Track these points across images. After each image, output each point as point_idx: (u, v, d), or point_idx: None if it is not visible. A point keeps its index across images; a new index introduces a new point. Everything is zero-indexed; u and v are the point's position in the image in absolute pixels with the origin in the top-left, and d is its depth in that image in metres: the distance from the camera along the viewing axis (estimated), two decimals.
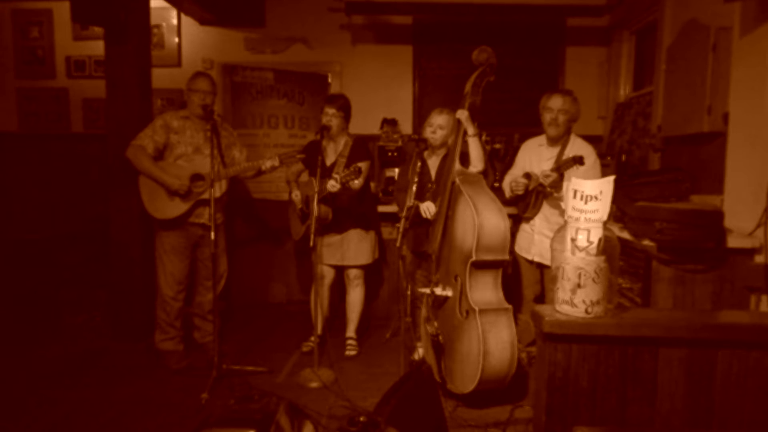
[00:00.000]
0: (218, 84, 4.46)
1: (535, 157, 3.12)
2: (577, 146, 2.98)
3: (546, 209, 3.03)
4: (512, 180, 3.13)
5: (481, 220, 2.62)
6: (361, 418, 1.46)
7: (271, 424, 1.69)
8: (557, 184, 2.87)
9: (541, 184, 2.91)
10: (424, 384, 1.93)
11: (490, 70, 2.89)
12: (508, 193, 3.19)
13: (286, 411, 1.81)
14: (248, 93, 4.63)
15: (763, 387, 1.66)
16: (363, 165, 3.28)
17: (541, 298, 3.21)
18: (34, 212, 4.78)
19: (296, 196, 3.43)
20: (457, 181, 2.79)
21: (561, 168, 2.80)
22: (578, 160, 2.72)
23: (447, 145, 3.16)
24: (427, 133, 3.16)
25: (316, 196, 3.07)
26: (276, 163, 3.21)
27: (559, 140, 3.04)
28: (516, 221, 3.34)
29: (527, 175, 3.04)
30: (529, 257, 3.12)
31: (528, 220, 3.15)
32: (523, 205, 3.11)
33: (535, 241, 3.07)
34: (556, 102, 3.00)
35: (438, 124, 3.15)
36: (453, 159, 2.86)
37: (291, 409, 1.86)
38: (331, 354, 3.32)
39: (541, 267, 3.14)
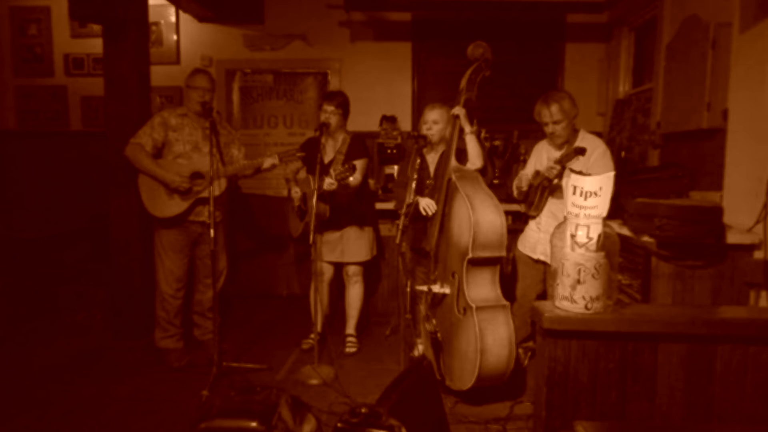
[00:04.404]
0: (224, 88, 4.58)
1: (545, 156, 3.08)
2: (586, 142, 2.94)
3: (554, 207, 3.01)
4: (517, 181, 3.13)
5: (477, 216, 2.62)
6: (363, 410, 1.46)
7: (273, 415, 1.70)
8: (562, 177, 2.86)
9: (546, 178, 2.90)
10: (424, 379, 1.93)
11: (486, 66, 2.88)
12: (515, 192, 3.18)
13: (288, 403, 1.82)
14: (249, 96, 4.82)
15: (763, 381, 1.67)
16: (359, 162, 3.28)
17: (543, 296, 3.20)
18: (34, 210, 4.78)
19: (296, 193, 3.42)
20: (453, 177, 2.79)
21: (563, 160, 2.78)
22: (580, 152, 2.69)
23: (445, 140, 3.16)
24: (423, 130, 3.15)
25: (314, 193, 3.07)
26: (276, 161, 3.20)
27: (566, 142, 3.01)
28: (522, 220, 3.33)
29: (536, 174, 3.03)
30: (535, 256, 3.10)
31: (534, 218, 3.13)
32: (529, 202, 3.10)
33: (541, 239, 3.05)
34: (545, 116, 2.89)
35: (432, 120, 3.14)
36: (449, 156, 2.86)
37: (293, 401, 1.86)
38: (331, 351, 3.32)
39: (546, 266, 3.13)
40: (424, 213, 2.96)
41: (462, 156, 3.01)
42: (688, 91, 3.02)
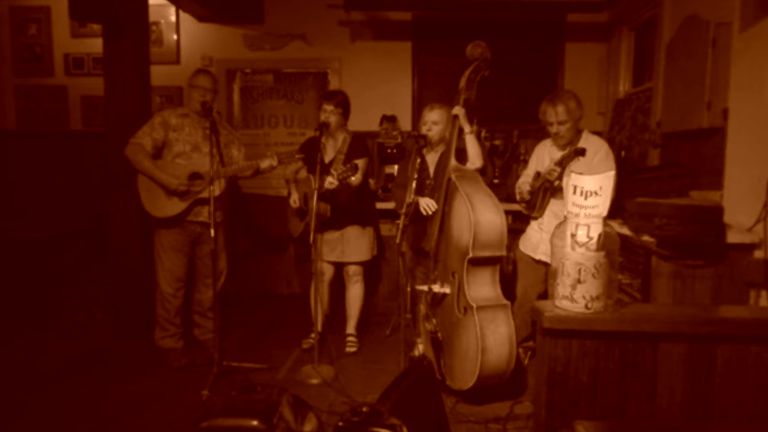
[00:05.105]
0: (223, 88, 4.59)
1: (547, 157, 3.07)
2: (589, 143, 2.93)
3: (556, 207, 3.01)
4: (519, 185, 3.13)
5: (477, 216, 2.62)
6: (364, 409, 1.46)
7: (274, 414, 1.70)
8: (562, 179, 2.86)
9: (547, 180, 2.90)
10: (425, 379, 1.93)
11: (485, 65, 2.87)
12: (517, 196, 3.17)
13: (290, 402, 1.82)
14: (250, 96, 4.83)
15: (763, 381, 1.67)
16: (360, 162, 3.28)
17: (544, 296, 3.19)
18: (34, 210, 4.78)
19: (294, 202, 3.44)
20: (453, 177, 2.79)
21: (564, 161, 2.78)
22: (580, 152, 2.69)
23: (445, 140, 3.15)
24: (423, 130, 3.15)
25: (315, 192, 3.06)
26: (274, 162, 3.20)
27: (569, 143, 3.00)
28: (522, 220, 3.32)
29: (537, 175, 3.03)
30: (536, 257, 3.10)
31: (536, 219, 3.13)
32: (531, 204, 3.10)
33: (543, 239, 3.04)
34: (551, 115, 2.90)
35: (432, 121, 3.14)
36: (449, 155, 2.86)
37: (294, 400, 1.86)
38: (332, 351, 3.32)
39: (547, 266, 3.12)
40: (424, 212, 2.96)
41: (462, 156, 3.01)
42: (688, 91, 3.02)
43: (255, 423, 1.65)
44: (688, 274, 2.47)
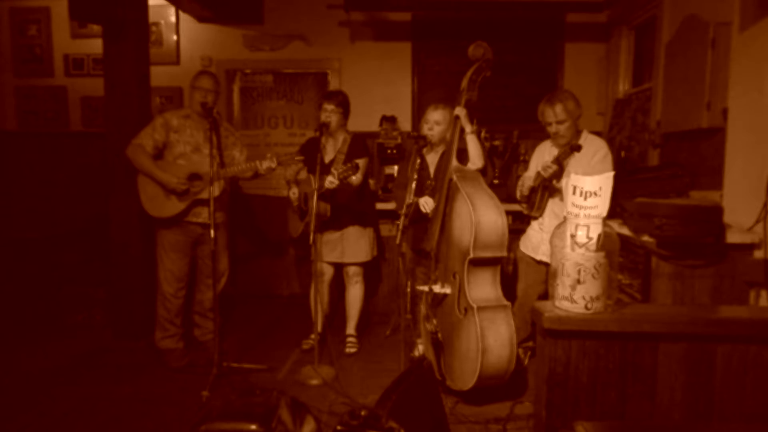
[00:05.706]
0: (223, 89, 4.60)
1: (548, 157, 3.07)
2: (588, 142, 2.93)
3: (556, 207, 3.01)
4: (520, 182, 3.13)
5: (478, 216, 2.62)
6: (362, 412, 1.46)
7: (273, 418, 1.69)
8: (559, 176, 2.86)
9: (545, 179, 2.90)
10: (425, 380, 1.93)
11: (487, 66, 2.87)
12: (518, 195, 3.17)
13: (288, 405, 1.81)
14: (250, 96, 4.85)
15: (763, 381, 1.67)
16: (360, 161, 3.28)
17: (545, 297, 3.19)
18: (34, 211, 4.78)
19: (293, 194, 3.43)
20: (455, 178, 2.79)
21: (560, 158, 2.78)
22: (575, 148, 2.69)
23: (446, 141, 3.15)
24: (425, 130, 3.15)
25: (315, 192, 3.06)
26: (273, 164, 3.19)
27: (569, 142, 2.99)
28: (523, 220, 3.32)
29: (537, 175, 3.03)
30: (537, 257, 3.09)
31: (536, 218, 3.13)
32: (530, 203, 3.09)
33: (544, 240, 3.02)
34: (549, 116, 2.90)
35: (434, 120, 3.14)
36: (450, 156, 2.86)
37: (293, 403, 1.86)
38: (332, 351, 3.32)
39: (548, 266, 3.11)
40: (423, 210, 2.96)
41: (463, 156, 3.01)
42: (687, 91, 3.02)
43: (254, 427, 1.65)
44: (688, 274, 2.47)
